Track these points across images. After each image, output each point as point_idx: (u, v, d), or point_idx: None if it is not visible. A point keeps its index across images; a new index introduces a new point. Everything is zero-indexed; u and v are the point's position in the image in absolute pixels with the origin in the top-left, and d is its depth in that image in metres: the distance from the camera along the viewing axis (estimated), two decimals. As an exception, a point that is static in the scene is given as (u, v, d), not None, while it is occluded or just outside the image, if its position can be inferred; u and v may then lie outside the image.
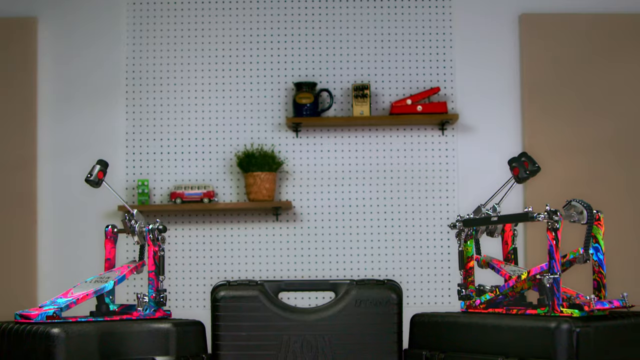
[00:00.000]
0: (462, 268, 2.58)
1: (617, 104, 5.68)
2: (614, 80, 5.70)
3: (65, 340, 2.11)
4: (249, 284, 2.46)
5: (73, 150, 5.75)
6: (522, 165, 2.55)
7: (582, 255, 2.33)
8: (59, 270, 5.72)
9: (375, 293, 2.45)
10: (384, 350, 2.42)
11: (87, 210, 5.72)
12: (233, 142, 5.83)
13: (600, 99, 5.69)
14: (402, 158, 5.82)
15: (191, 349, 2.35)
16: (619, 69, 5.69)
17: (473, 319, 2.34)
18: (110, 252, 2.58)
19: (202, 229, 5.78)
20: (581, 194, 2.66)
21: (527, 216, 2.33)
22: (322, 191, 5.81)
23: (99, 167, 2.53)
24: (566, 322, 2.12)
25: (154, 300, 2.44)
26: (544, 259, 2.31)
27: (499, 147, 5.74)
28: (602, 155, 5.64)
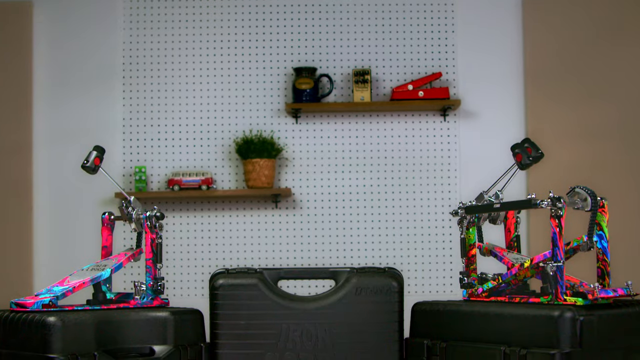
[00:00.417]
0: (464, 256, 2.58)
1: (622, 89, 5.67)
2: (618, 65, 5.69)
3: (61, 329, 2.11)
4: (248, 272, 2.46)
5: (69, 137, 5.75)
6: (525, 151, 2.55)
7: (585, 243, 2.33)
8: (55, 258, 5.72)
9: (376, 281, 2.45)
10: (384, 339, 2.42)
11: (84, 197, 5.72)
12: (232, 128, 5.82)
13: (604, 84, 5.68)
14: (403, 144, 5.82)
15: (189, 338, 2.35)
16: (624, 53, 5.68)
17: (475, 308, 2.34)
18: (107, 239, 2.58)
19: (200, 217, 5.78)
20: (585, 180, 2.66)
21: (530, 203, 2.33)
22: (322, 178, 5.81)
23: (95, 153, 2.52)
24: (570, 311, 2.12)
25: (152, 289, 2.44)
26: (547, 246, 2.31)
27: (501, 133, 5.74)
28: (607, 141, 5.63)
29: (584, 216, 2.36)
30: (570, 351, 2.07)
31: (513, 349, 2.15)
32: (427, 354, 2.37)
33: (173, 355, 2.29)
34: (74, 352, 2.11)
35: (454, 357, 2.30)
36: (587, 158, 5.60)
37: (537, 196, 2.33)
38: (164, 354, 2.29)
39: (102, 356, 2.15)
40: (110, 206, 5.61)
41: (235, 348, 2.40)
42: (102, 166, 2.55)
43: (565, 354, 2.07)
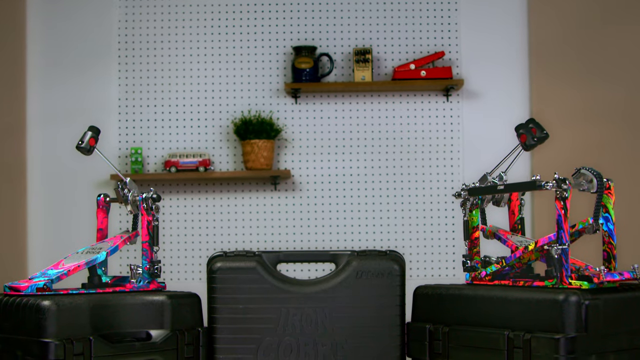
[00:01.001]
0: (467, 238, 2.58)
1: (628, 69, 5.66)
2: (625, 45, 5.67)
3: (56, 313, 2.11)
4: (246, 255, 2.45)
5: (63, 118, 5.74)
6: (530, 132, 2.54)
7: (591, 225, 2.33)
8: (50, 241, 5.72)
9: (377, 264, 2.45)
10: (386, 324, 2.43)
11: (79, 179, 5.72)
12: (230, 108, 5.81)
13: (610, 63, 5.67)
14: (405, 125, 5.81)
15: (186, 322, 2.36)
16: (631, 33, 5.67)
17: (478, 291, 2.34)
18: (102, 222, 2.58)
19: (197, 199, 5.78)
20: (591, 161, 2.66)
21: (534, 185, 2.32)
22: (322, 159, 5.80)
23: (90, 133, 2.52)
24: (575, 295, 2.13)
25: (148, 272, 2.44)
26: (552, 229, 2.31)
27: (505, 114, 5.73)
28: (613, 122, 5.62)
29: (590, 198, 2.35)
30: (576, 336, 2.07)
31: (517, 334, 2.15)
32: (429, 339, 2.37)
33: (170, 340, 2.29)
34: (69, 336, 2.11)
35: (456, 341, 2.30)
36: (593, 139, 5.60)
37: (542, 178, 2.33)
38: (161, 338, 2.29)
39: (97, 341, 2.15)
40: (106, 188, 5.61)
41: (233, 333, 2.40)
42: (97, 147, 2.55)
43: (570, 339, 2.07)
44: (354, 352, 2.40)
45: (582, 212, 2.48)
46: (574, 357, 2.06)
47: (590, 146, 5.57)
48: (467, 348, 2.27)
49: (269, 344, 2.39)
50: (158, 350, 2.27)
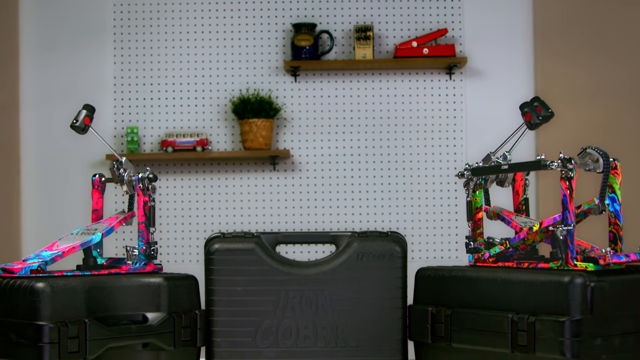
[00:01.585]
0: (471, 219, 2.58)
1: (634, 47, 5.65)
2: (631, 22, 5.66)
3: (50, 295, 2.11)
4: (245, 237, 2.45)
5: (58, 97, 5.73)
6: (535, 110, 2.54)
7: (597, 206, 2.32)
8: (44, 222, 5.73)
9: (379, 246, 2.44)
10: (387, 306, 2.43)
11: (73, 159, 5.71)
12: (228, 87, 5.81)
13: (616, 41, 5.66)
14: (407, 104, 5.81)
15: (183, 305, 2.36)
16: (637, 10, 5.66)
17: (482, 273, 2.34)
18: (97, 202, 2.57)
19: (195, 179, 5.77)
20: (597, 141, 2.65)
21: (539, 164, 2.32)
22: (322, 139, 5.80)
23: (85, 112, 2.51)
24: (580, 277, 2.13)
25: (144, 254, 2.43)
26: (557, 209, 2.31)
27: (509, 92, 5.72)
28: (619, 100, 5.62)
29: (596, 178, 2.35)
30: (581, 318, 2.08)
31: (521, 316, 2.15)
32: (432, 321, 2.37)
33: (167, 322, 2.29)
34: (64, 319, 2.11)
35: (459, 324, 2.30)
36: (599, 118, 5.59)
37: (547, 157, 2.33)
38: (158, 321, 2.29)
39: (92, 323, 2.16)
40: (101, 168, 5.61)
41: (231, 315, 2.41)
42: (92, 126, 2.54)
43: (575, 321, 2.07)
44: (355, 334, 2.41)
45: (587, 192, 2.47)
46: (579, 340, 2.06)
47: (596, 125, 5.56)
48: (470, 331, 2.27)
49: (268, 326, 2.40)
50: (154, 333, 2.27)
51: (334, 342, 2.40)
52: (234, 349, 2.39)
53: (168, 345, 2.29)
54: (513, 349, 2.16)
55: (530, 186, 2.63)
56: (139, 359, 2.30)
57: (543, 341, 2.11)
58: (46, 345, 2.07)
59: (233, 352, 2.39)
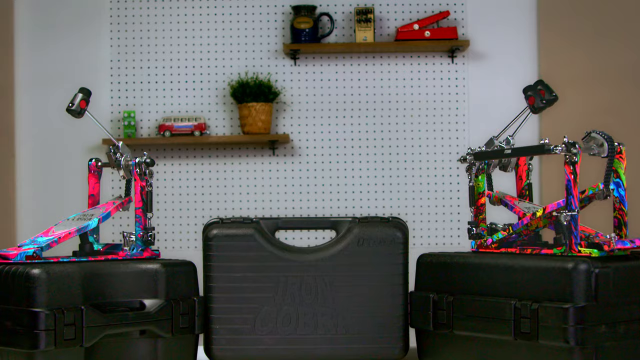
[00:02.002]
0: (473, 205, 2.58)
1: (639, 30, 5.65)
2: (636, 4, 5.65)
3: (46, 282, 2.11)
4: (244, 222, 2.45)
5: (53, 80, 5.73)
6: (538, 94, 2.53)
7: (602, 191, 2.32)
8: (39, 208, 5.73)
9: (379, 231, 2.44)
10: (388, 293, 2.42)
11: (69, 144, 5.71)
12: (226, 70, 5.80)
13: (621, 24, 5.65)
14: (409, 88, 5.80)
15: (181, 291, 2.35)
16: (644, -9, 5.65)
17: (484, 260, 2.33)
18: (94, 187, 2.57)
19: (193, 164, 5.77)
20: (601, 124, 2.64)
21: (543, 148, 2.31)
22: (322, 123, 5.79)
23: (81, 95, 2.50)
24: (584, 263, 2.12)
25: (142, 239, 2.43)
26: (561, 195, 2.30)
27: (512, 76, 5.72)
28: (624, 84, 5.61)
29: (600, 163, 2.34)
30: (585, 305, 2.07)
31: (524, 303, 2.15)
32: (433, 308, 2.37)
33: (164, 309, 2.29)
34: (60, 305, 2.11)
35: (461, 311, 2.30)
36: (604, 101, 5.59)
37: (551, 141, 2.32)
38: (155, 308, 2.29)
39: (89, 310, 2.15)
40: (98, 153, 5.60)
41: (230, 302, 2.40)
42: (89, 110, 2.54)
43: (579, 308, 2.07)
44: (355, 322, 2.40)
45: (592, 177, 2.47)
46: (583, 327, 2.06)
47: (601, 109, 5.56)
48: (472, 318, 2.26)
49: (267, 313, 2.39)
50: (152, 320, 2.27)
51: (334, 329, 2.40)
52: (233, 336, 2.39)
53: (166, 333, 2.29)
54: (516, 336, 2.16)
55: (534, 171, 2.63)
56: (136, 346, 2.30)
57: (546, 328, 2.10)
58: (42, 332, 2.07)
59: (231, 339, 2.39)
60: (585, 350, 2.07)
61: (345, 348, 2.42)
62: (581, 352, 2.07)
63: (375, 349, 2.43)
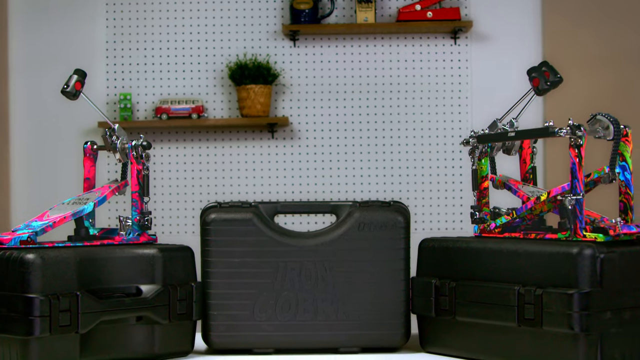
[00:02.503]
0: (476, 189, 2.57)
1: (648, 10, 5.64)
2: (644, -16, 5.64)
3: (41, 267, 2.11)
4: (242, 206, 2.45)
5: (48, 63, 5.72)
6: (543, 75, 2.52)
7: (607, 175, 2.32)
8: (34, 192, 5.72)
9: (381, 216, 2.44)
10: (389, 278, 2.42)
11: (64, 127, 5.70)
12: (224, 52, 5.79)
13: (628, 4, 5.64)
14: (410, 70, 5.79)
15: (179, 277, 2.35)
16: (651, -30, 5.64)
17: (487, 244, 2.33)
18: (89, 171, 2.56)
19: (190, 147, 5.77)
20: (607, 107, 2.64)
21: (547, 131, 2.31)
22: (322, 106, 5.79)
23: (76, 77, 2.50)
24: (589, 248, 2.12)
25: (138, 224, 2.43)
26: (566, 178, 2.30)
27: (516, 57, 5.71)
28: (630, 65, 5.60)
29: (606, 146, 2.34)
30: (590, 291, 2.07)
31: (528, 289, 2.15)
32: (435, 294, 2.37)
33: (161, 295, 2.29)
34: (55, 291, 2.11)
35: (464, 297, 2.30)
36: (609, 83, 5.58)
37: (555, 124, 2.32)
38: (152, 293, 2.29)
39: (84, 296, 2.15)
40: (93, 135, 5.60)
41: (228, 288, 2.40)
42: (84, 92, 2.53)
43: (584, 294, 2.07)
44: (356, 308, 2.40)
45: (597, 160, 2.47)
46: (588, 313, 2.06)
47: (607, 91, 5.55)
48: (475, 304, 2.26)
49: (266, 299, 2.39)
50: (149, 306, 2.27)
51: (334, 316, 2.40)
52: (231, 322, 2.39)
53: (163, 319, 2.29)
54: (519, 323, 2.16)
55: (538, 154, 2.62)
56: (132, 333, 2.30)
57: (550, 314, 2.10)
58: (37, 318, 2.07)
59: (230, 325, 2.39)
60: (590, 337, 2.07)
61: (345, 335, 2.42)
62: (586, 338, 2.07)
63: (376, 335, 2.43)
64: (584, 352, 2.08)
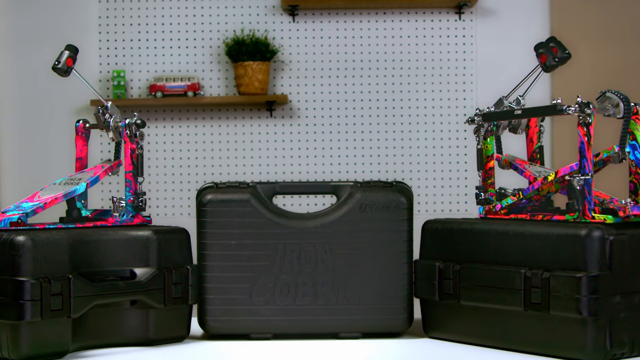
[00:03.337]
0: (481, 169, 2.57)
1: (659, -16, 5.63)
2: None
3: (31, 249, 2.11)
4: (240, 187, 2.44)
5: (38, 39, 5.70)
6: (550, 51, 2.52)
7: (617, 154, 2.31)
8: (24, 172, 5.72)
9: (383, 196, 2.43)
10: (391, 261, 2.42)
11: (56, 105, 5.70)
12: (221, 27, 5.78)
13: (639, -23, 5.63)
14: (414, 46, 5.78)
15: (174, 260, 2.35)
16: (662, -58, 5.63)
17: (493, 226, 2.33)
18: (81, 150, 2.56)
19: (186, 126, 5.76)
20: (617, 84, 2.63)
21: (555, 109, 2.30)
22: (322, 83, 5.78)
23: (67, 53, 2.49)
24: (598, 229, 2.12)
25: (132, 205, 2.43)
26: (574, 158, 2.30)
27: (523, 33, 5.70)
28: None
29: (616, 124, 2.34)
30: (599, 274, 2.07)
31: (535, 272, 2.15)
32: (439, 277, 2.37)
33: (156, 278, 2.29)
34: (46, 274, 2.11)
35: (468, 280, 2.30)
36: (619, 59, 5.57)
37: (563, 101, 2.31)
38: (146, 277, 2.29)
39: (77, 279, 2.15)
40: (86, 114, 5.59)
41: (225, 271, 2.40)
42: (76, 69, 2.53)
43: (592, 277, 2.07)
44: (357, 291, 2.40)
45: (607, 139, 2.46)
46: (596, 297, 2.06)
47: (616, 67, 5.55)
48: (480, 287, 2.26)
49: (264, 283, 2.39)
50: (143, 289, 2.27)
51: (334, 300, 2.40)
52: (228, 306, 2.39)
53: (158, 303, 2.29)
54: (526, 307, 2.16)
55: (545, 133, 2.62)
56: (126, 317, 2.30)
57: (558, 298, 2.10)
58: (27, 302, 2.06)
59: (227, 309, 2.39)
60: (598, 322, 2.07)
61: (346, 319, 2.42)
62: (594, 323, 2.07)
63: (378, 320, 2.43)
64: (592, 337, 2.08)
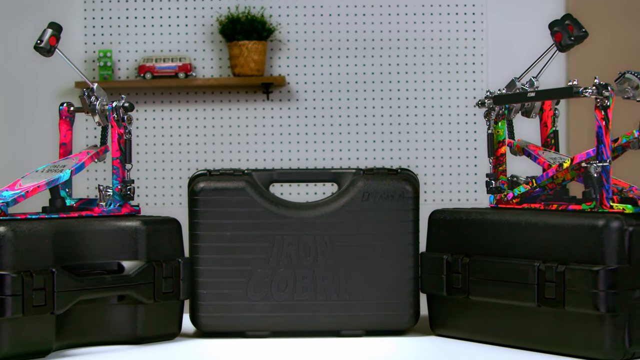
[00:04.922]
0: (492, 155, 2.57)
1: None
2: None
3: (12, 241, 2.11)
4: (234, 174, 2.44)
5: (19, 15, 5.70)
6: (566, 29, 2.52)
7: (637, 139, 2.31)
8: (5, 158, 5.73)
9: (387, 185, 2.44)
10: (396, 253, 2.42)
11: (38, 87, 5.70)
12: (214, 4, 5.77)
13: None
14: (420, 24, 5.78)
15: (164, 252, 2.35)
16: None
17: (504, 216, 2.33)
18: (65, 135, 2.56)
19: (177, 110, 5.76)
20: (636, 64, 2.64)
21: (571, 91, 2.30)
22: (322, 64, 5.78)
23: (50, 31, 2.49)
24: (617, 220, 2.12)
25: (119, 194, 2.43)
26: (591, 143, 2.30)
27: (537, 10, 5.70)
28: (662, 20, 5.60)
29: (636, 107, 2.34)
30: (617, 267, 2.07)
31: (549, 265, 2.15)
32: (447, 271, 2.37)
33: (145, 272, 2.29)
34: (28, 268, 2.11)
35: (478, 274, 2.30)
36: (638, 39, 5.57)
37: (580, 83, 2.31)
38: (135, 270, 2.29)
39: (61, 273, 2.15)
40: (70, 97, 5.60)
41: (219, 264, 2.40)
42: (60, 48, 2.53)
43: (610, 271, 2.07)
44: (359, 286, 2.41)
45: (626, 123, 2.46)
46: (614, 292, 2.06)
47: (636, 46, 5.55)
48: (491, 282, 2.27)
49: (261, 277, 2.40)
50: (132, 284, 2.27)
51: (335, 295, 2.40)
52: (222, 302, 2.39)
53: (147, 298, 2.30)
54: (540, 303, 2.16)
55: (561, 117, 2.62)
56: (113, 314, 2.30)
57: (574, 293, 2.10)
58: (8, 297, 2.07)
59: (221, 305, 2.39)
60: (617, 318, 2.07)
61: (348, 315, 2.42)
62: (612, 319, 2.07)
63: (381, 316, 2.43)
64: (610, 334, 2.08)
